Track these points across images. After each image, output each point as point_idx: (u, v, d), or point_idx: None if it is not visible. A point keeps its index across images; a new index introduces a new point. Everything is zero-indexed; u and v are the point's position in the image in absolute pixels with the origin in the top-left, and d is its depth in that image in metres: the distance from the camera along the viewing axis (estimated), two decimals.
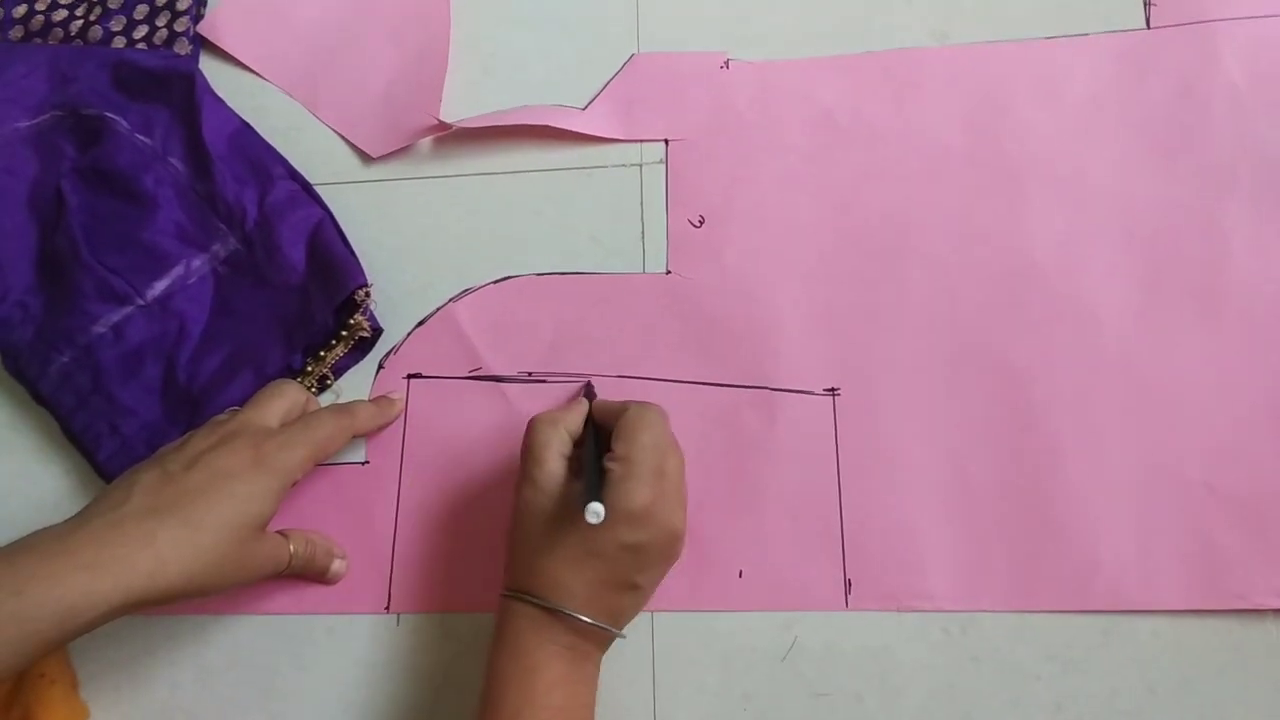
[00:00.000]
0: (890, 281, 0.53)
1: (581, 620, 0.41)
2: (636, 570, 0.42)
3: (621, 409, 0.44)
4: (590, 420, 0.46)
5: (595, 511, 0.38)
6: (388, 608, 0.48)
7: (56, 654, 0.46)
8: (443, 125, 0.54)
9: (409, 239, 0.54)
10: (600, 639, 0.42)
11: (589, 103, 0.56)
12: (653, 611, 0.48)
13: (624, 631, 0.43)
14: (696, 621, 0.48)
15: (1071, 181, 0.54)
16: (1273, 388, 0.50)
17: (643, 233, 0.54)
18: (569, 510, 0.41)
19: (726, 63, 0.56)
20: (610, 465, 0.42)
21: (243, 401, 0.48)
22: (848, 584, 0.49)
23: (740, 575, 0.48)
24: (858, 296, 0.52)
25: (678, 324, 0.52)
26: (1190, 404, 0.50)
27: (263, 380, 0.48)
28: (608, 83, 0.56)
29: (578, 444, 0.45)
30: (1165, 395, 0.51)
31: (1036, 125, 0.55)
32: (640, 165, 0.55)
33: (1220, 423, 0.50)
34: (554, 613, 0.41)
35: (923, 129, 0.55)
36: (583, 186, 0.55)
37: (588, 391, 0.50)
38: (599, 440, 0.44)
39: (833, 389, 0.51)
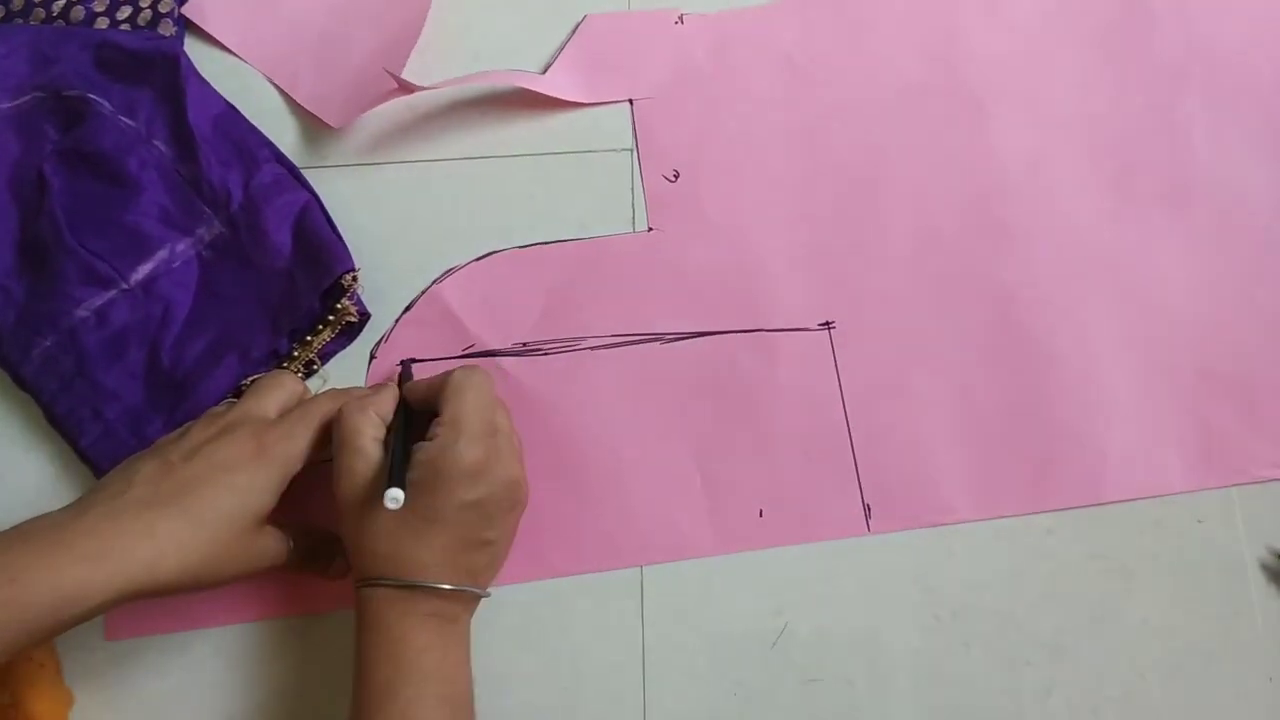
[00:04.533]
0: (869, 213, 0.54)
1: (440, 588, 0.41)
2: (484, 527, 0.42)
3: (439, 380, 0.44)
4: (401, 402, 0.45)
5: (394, 498, 0.38)
6: None
7: None
8: (402, 88, 0.53)
9: (397, 223, 0.53)
10: (465, 601, 0.42)
11: (545, 67, 0.56)
12: (642, 590, 0.48)
13: (488, 590, 0.43)
14: (686, 608, 0.48)
15: (1031, 99, 0.56)
16: (1246, 271, 0.54)
17: (633, 218, 0.54)
18: None
19: (680, 18, 0.57)
20: (438, 429, 0.42)
21: (229, 387, 0.48)
22: (867, 509, 0.49)
23: (761, 515, 0.49)
24: (839, 231, 0.54)
25: (666, 279, 0.52)
26: (1172, 296, 0.54)
27: (248, 365, 0.48)
28: (562, 45, 0.56)
29: (391, 428, 0.44)
30: (1148, 291, 0.54)
31: (990, 49, 0.57)
32: (633, 150, 0.55)
33: (1203, 310, 0.53)
34: (410, 587, 0.41)
35: (882, 63, 0.57)
36: (573, 171, 0.54)
37: (404, 374, 0.49)
38: (409, 423, 0.44)
39: (827, 323, 0.52)
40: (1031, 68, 0.57)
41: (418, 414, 0.45)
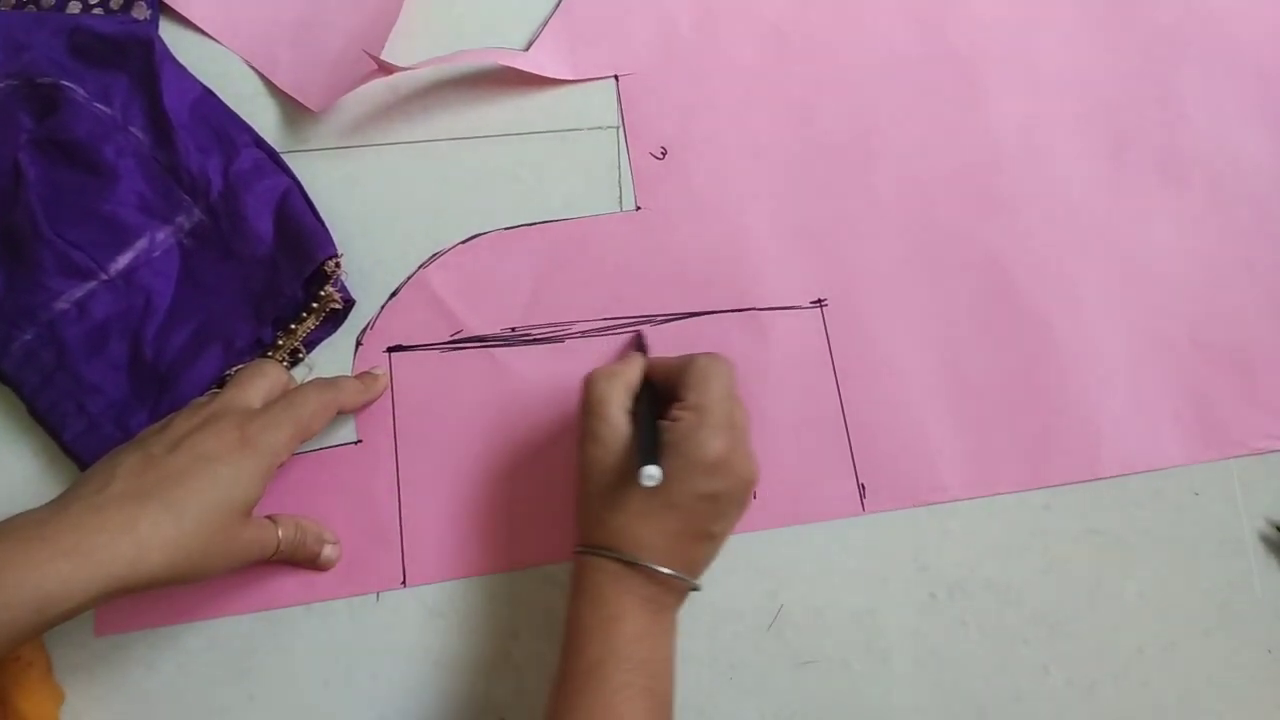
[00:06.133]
0: (860, 187, 0.53)
1: (661, 572, 0.40)
2: (713, 520, 0.41)
3: (684, 362, 0.43)
4: (648, 378, 0.45)
5: (651, 475, 0.37)
6: (404, 582, 0.47)
7: None
8: (382, 69, 0.51)
9: (380, 207, 0.52)
10: (678, 590, 0.42)
11: (528, 44, 0.55)
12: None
13: (699, 583, 0.42)
14: None
15: (1024, 66, 0.55)
16: (1242, 241, 0.53)
17: (620, 197, 0.53)
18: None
19: None
20: (683, 414, 0.41)
21: (212, 377, 0.47)
22: (861, 489, 0.49)
23: (754, 497, 0.49)
24: (830, 206, 0.53)
25: (655, 258, 0.52)
26: (1167, 266, 0.53)
27: (232, 355, 0.47)
28: (545, 21, 0.55)
29: (637, 398, 0.44)
30: (1142, 261, 0.53)
31: (983, 15, 0.56)
32: (619, 127, 0.54)
33: (1197, 280, 0.53)
34: (633, 565, 0.40)
35: (872, 32, 0.55)
36: (558, 150, 0.53)
37: (639, 344, 0.49)
38: (653, 398, 0.43)
39: (819, 300, 0.51)
40: (1025, 34, 0.56)
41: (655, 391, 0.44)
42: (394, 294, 0.51)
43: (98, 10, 0.53)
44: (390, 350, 0.50)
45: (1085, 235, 0.53)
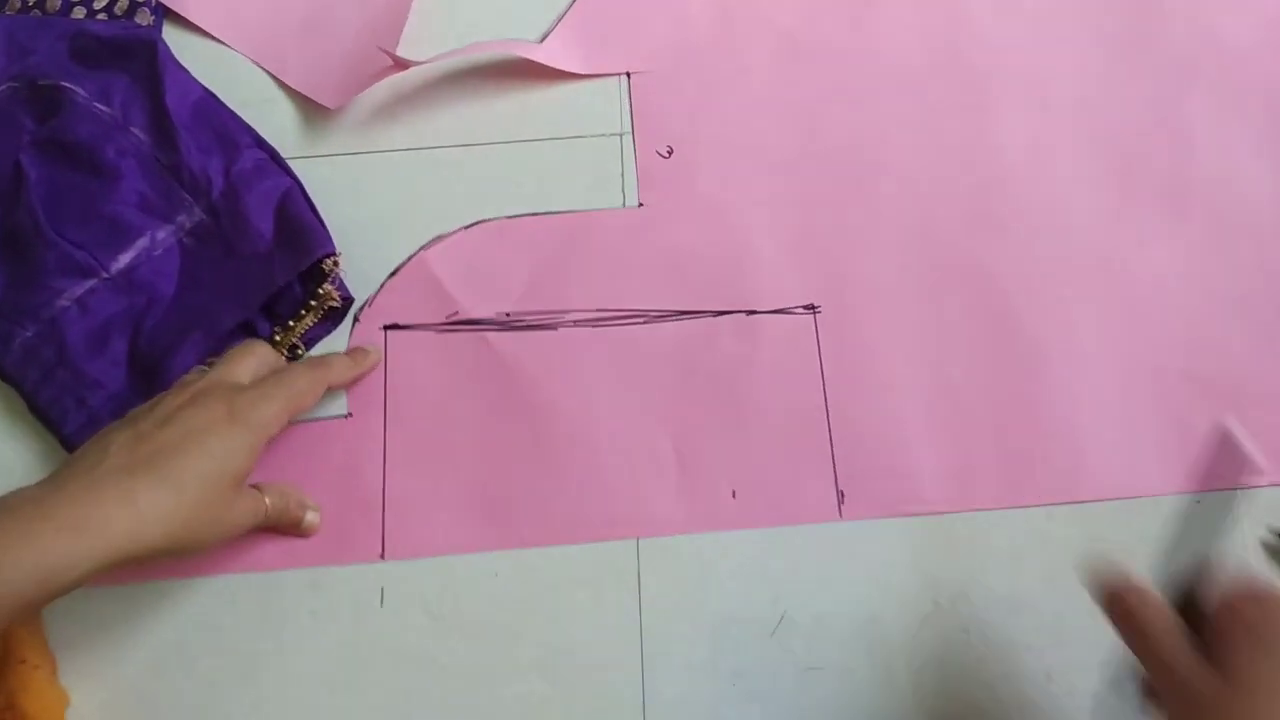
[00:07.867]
0: (862, 197, 0.53)
1: None
2: None
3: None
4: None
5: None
6: (383, 555, 0.47)
7: (37, 639, 0.45)
8: (398, 65, 0.52)
9: (384, 212, 0.52)
10: None
11: (544, 36, 0.55)
12: (639, 581, 0.48)
13: None
14: (684, 597, 0.48)
15: (1034, 87, 0.55)
16: (1240, 275, 0.53)
17: (624, 200, 0.53)
18: None
19: None
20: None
21: (199, 363, 0.47)
22: (840, 495, 0.49)
23: (734, 495, 0.49)
24: (831, 214, 0.53)
25: (653, 255, 0.52)
26: (1164, 296, 0.52)
27: (223, 344, 0.47)
28: (562, 15, 0.55)
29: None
30: (1139, 289, 0.52)
31: (995, 34, 0.56)
32: (623, 135, 0.54)
33: (1193, 312, 0.52)
34: None
35: (884, 46, 0.56)
36: (563, 157, 0.54)
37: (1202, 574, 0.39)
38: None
39: (812, 306, 0.51)
40: (1036, 55, 0.56)
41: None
42: (394, 273, 0.51)
43: (101, 15, 0.54)
44: (387, 328, 0.50)
45: (1083, 258, 0.52)
